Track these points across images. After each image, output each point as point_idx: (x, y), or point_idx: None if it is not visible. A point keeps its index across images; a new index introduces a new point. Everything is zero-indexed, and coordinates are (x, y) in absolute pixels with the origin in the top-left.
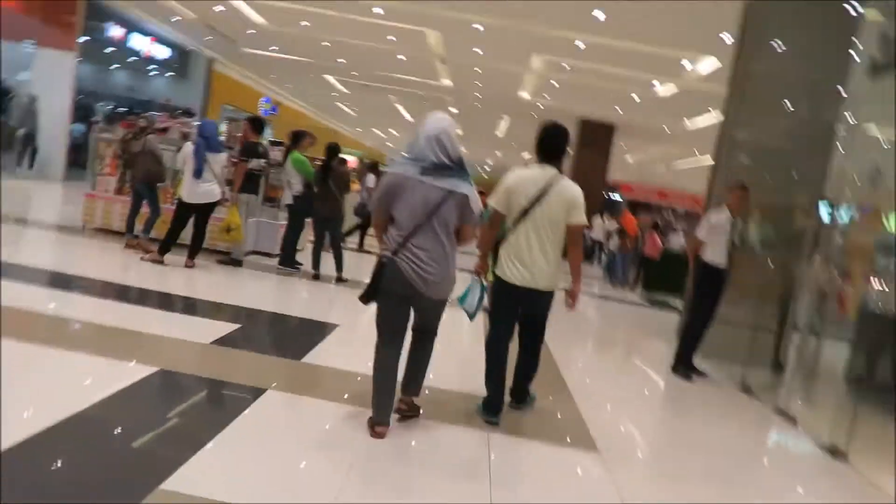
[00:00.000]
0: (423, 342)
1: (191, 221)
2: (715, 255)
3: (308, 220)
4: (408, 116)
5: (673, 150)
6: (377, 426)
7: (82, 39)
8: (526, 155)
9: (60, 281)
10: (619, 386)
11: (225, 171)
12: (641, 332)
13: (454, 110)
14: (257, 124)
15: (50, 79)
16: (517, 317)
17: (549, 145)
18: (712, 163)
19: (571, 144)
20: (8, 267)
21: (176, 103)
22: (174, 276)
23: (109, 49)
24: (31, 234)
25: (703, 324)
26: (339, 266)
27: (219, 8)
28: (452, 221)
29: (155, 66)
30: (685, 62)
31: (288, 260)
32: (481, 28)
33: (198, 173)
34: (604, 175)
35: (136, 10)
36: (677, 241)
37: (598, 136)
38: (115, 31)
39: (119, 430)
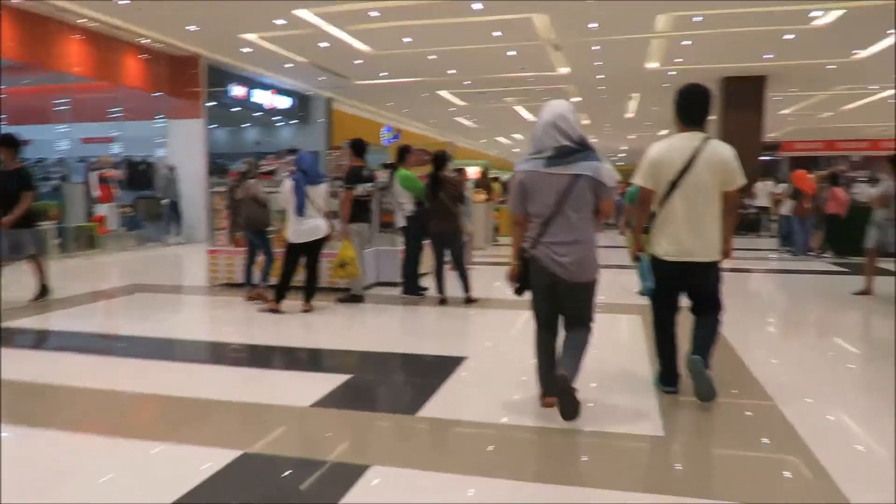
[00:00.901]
0: (576, 333)
1: (303, 262)
2: None
3: (426, 241)
4: (530, 117)
5: (839, 92)
6: (545, 396)
7: (209, 104)
8: (663, 132)
9: (161, 348)
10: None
11: (330, 202)
12: (840, 305)
13: (577, 99)
14: (358, 147)
15: (184, 147)
16: (679, 295)
17: (691, 109)
18: None
19: (716, 107)
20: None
21: (297, 147)
22: (289, 325)
23: (235, 108)
24: (161, 298)
25: None
26: (465, 286)
27: (323, 44)
28: (588, 203)
29: (279, 117)
30: None
31: (411, 287)
32: None
33: (300, 210)
34: (758, 135)
35: (252, 67)
36: (864, 191)
37: (746, 93)
38: (237, 91)
39: None
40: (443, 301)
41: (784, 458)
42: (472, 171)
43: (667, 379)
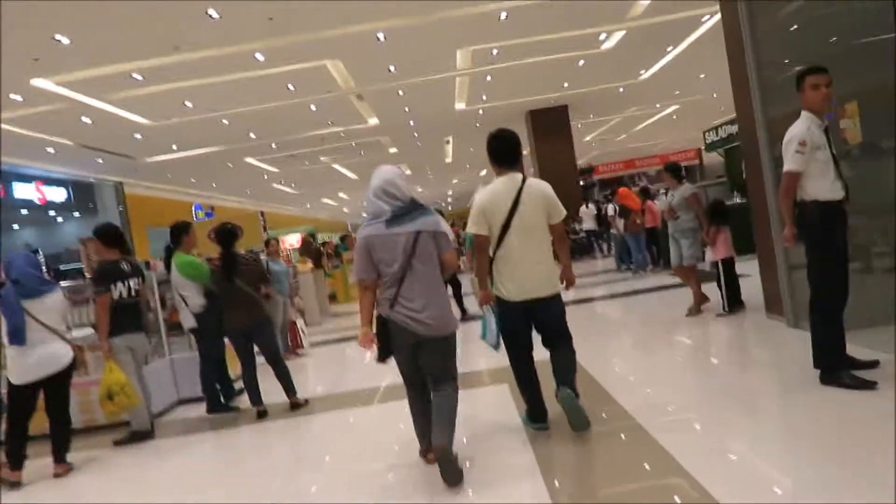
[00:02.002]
0: (444, 393)
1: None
2: (820, 185)
3: (229, 339)
4: (350, 174)
5: (632, 112)
6: (427, 453)
7: None
8: (483, 172)
9: None
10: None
11: (67, 315)
12: (684, 319)
13: (393, 150)
14: (107, 235)
15: None
16: (530, 332)
17: (504, 152)
18: (733, 87)
19: (529, 139)
20: None
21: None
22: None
23: None
24: None
25: (836, 293)
26: (287, 386)
27: (86, 119)
28: (433, 255)
29: (56, 212)
30: None
31: (216, 402)
32: (382, 37)
33: (15, 336)
34: (572, 163)
35: (4, 158)
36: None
37: (553, 123)
38: None
39: None
40: (261, 413)
41: (664, 482)
42: (294, 239)
43: (535, 416)
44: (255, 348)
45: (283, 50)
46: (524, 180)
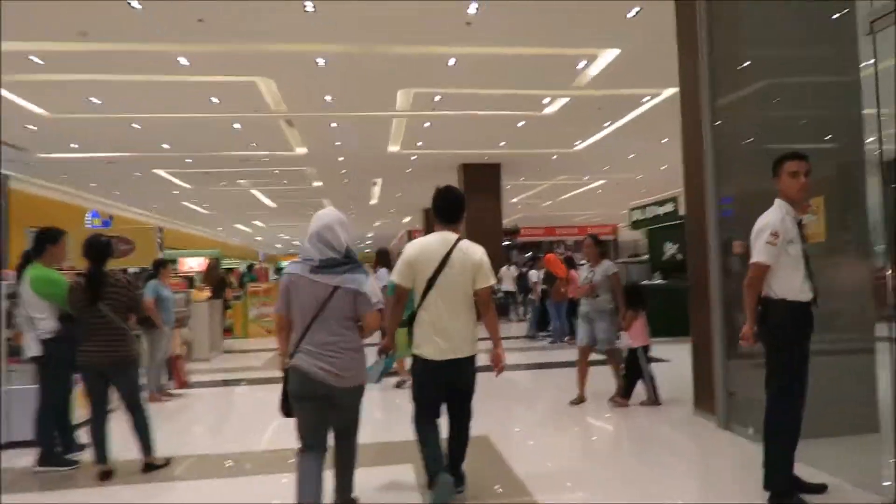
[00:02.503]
0: (345, 446)
1: None
2: (790, 283)
3: (79, 375)
4: (269, 202)
5: (561, 181)
6: None
7: None
8: (406, 219)
9: None
10: None
11: None
12: (593, 396)
13: (318, 184)
14: None
15: None
16: (443, 393)
17: (448, 210)
18: (685, 166)
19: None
20: None
21: None
22: None
23: None
24: None
25: (798, 404)
26: (144, 442)
27: None
28: (348, 314)
29: None
30: (581, 63)
31: (50, 454)
32: (322, 62)
33: None
34: (499, 221)
35: None
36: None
37: (485, 178)
38: None
39: None
40: (105, 474)
41: None
42: (196, 263)
43: (433, 474)
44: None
45: (211, 58)
46: (458, 240)
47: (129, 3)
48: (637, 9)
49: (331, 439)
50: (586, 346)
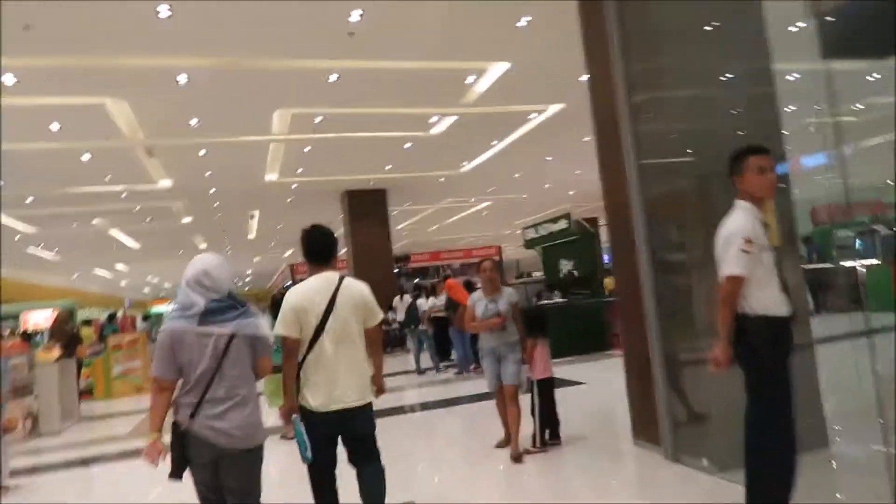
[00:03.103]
0: None
1: None
2: (767, 296)
3: None
4: (131, 243)
5: (447, 204)
6: None
7: None
8: (289, 252)
9: None
10: None
11: None
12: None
13: (187, 219)
14: None
15: None
16: (335, 448)
17: (320, 249)
18: (602, 178)
19: (345, 221)
20: None
21: None
22: None
23: None
24: None
25: (788, 437)
26: None
27: None
28: (247, 360)
29: None
30: (470, 78)
31: None
32: (184, 79)
33: None
34: (388, 248)
35: None
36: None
37: (370, 205)
38: None
39: None
40: None
41: None
42: (44, 318)
43: None
44: None
45: (46, 74)
46: (341, 279)
47: None
48: (528, 18)
49: None
50: (501, 386)
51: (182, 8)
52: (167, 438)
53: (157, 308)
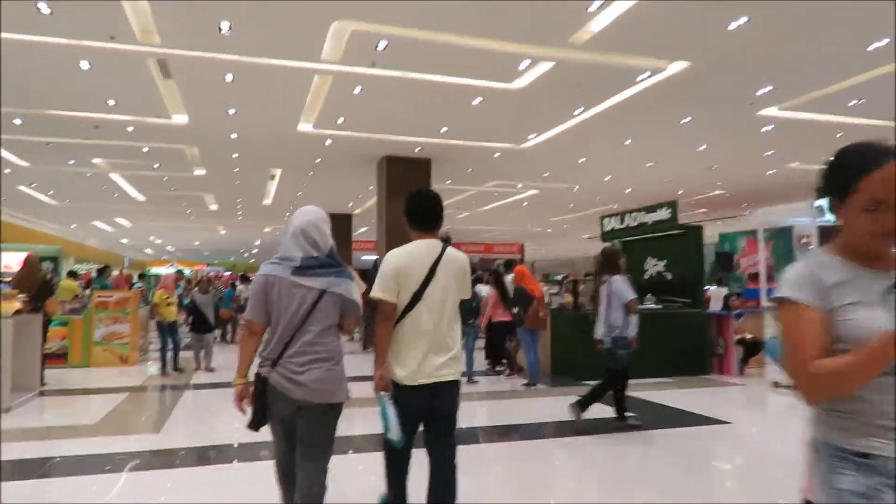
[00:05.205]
0: (310, 469)
1: None
2: None
3: None
4: (135, 193)
5: (489, 187)
6: None
7: None
8: None
9: None
10: None
11: None
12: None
13: (200, 172)
14: None
15: None
16: (419, 424)
17: (428, 215)
18: None
19: (380, 190)
20: None
21: None
22: None
23: None
24: None
25: None
26: None
27: None
28: (333, 319)
29: None
30: (595, 4)
31: None
32: None
33: None
34: None
35: None
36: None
37: (412, 175)
38: None
39: None
40: None
41: None
42: (16, 261)
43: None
44: None
45: None
46: (444, 247)
47: None
48: None
49: None
50: None
51: None
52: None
53: (157, 269)
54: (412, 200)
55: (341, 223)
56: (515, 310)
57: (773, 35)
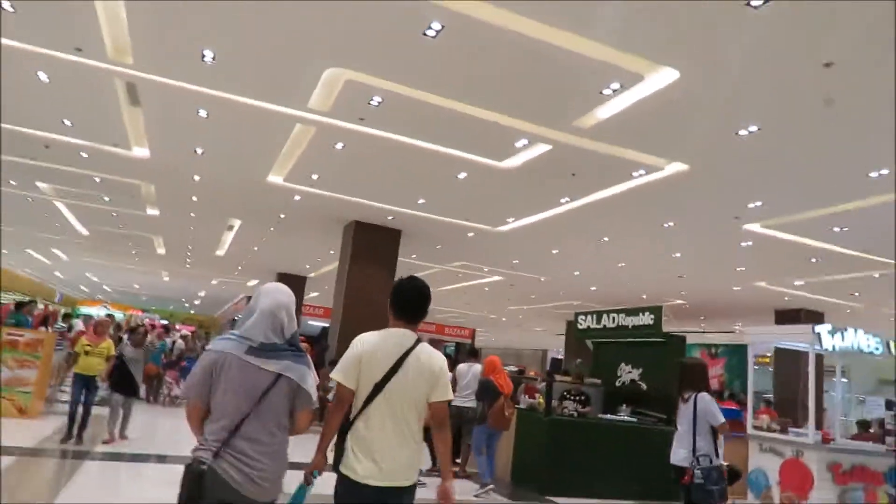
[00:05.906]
0: None
1: None
2: None
3: None
4: (78, 226)
5: (454, 267)
6: None
7: None
8: (253, 282)
9: None
10: None
11: None
12: None
13: (154, 212)
14: None
15: None
16: None
17: (413, 306)
18: None
19: (344, 252)
20: None
21: None
22: None
23: None
24: None
25: None
26: None
27: None
28: (285, 409)
29: None
30: (611, 86)
31: None
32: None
33: None
34: (386, 298)
35: None
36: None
37: (380, 244)
38: None
39: None
40: None
41: None
42: None
43: None
44: None
45: None
46: (417, 341)
47: None
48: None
49: None
50: None
51: None
52: None
53: (88, 309)
54: (402, 288)
55: (294, 284)
56: (477, 405)
57: (778, 147)
